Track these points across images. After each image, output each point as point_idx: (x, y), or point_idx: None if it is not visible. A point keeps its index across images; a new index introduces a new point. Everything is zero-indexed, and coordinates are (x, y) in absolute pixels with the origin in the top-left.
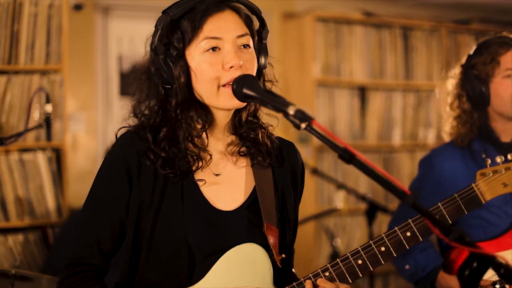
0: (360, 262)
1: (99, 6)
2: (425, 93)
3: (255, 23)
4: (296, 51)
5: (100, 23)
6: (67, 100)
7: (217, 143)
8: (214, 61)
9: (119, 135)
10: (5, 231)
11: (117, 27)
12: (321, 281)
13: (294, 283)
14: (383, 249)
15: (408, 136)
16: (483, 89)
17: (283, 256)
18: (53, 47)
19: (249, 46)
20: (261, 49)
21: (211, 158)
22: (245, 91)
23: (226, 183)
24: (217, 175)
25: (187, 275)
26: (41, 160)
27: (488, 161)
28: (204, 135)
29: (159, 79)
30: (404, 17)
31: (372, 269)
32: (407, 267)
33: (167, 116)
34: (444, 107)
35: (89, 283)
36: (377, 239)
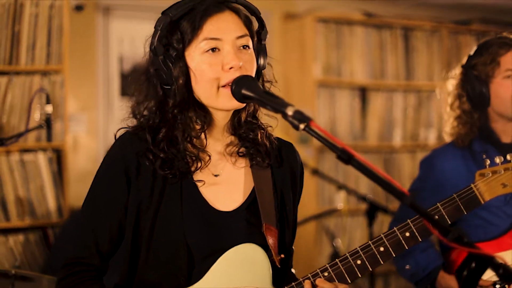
0: (359, 262)
1: (99, 6)
2: (425, 94)
3: (255, 24)
4: (296, 51)
5: (101, 23)
6: (68, 100)
7: (216, 144)
8: (213, 62)
9: (118, 136)
10: (5, 231)
11: (118, 28)
12: (320, 281)
13: (293, 283)
14: (382, 249)
15: (409, 136)
16: (483, 89)
17: (282, 256)
18: (54, 47)
19: (249, 47)
20: (260, 50)
21: (210, 158)
22: (244, 92)
23: (225, 183)
24: (216, 175)
25: (186, 275)
26: (42, 160)
27: (487, 161)
28: (203, 136)
29: (158, 80)
30: (404, 18)
31: (371, 269)
32: (407, 267)
33: (166, 116)
34: (444, 107)
35: (87, 283)
36: (376, 240)
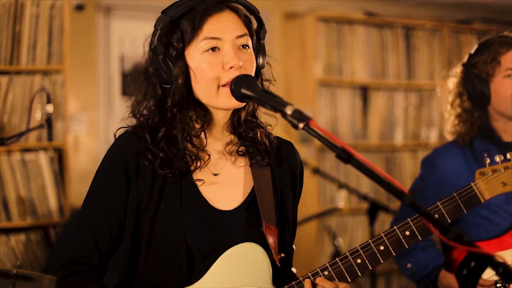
0: (359, 261)
1: (100, 6)
2: (427, 93)
3: (254, 23)
4: (298, 51)
5: (101, 23)
6: (68, 100)
7: (216, 143)
8: (213, 61)
9: (118, 135)
10: (7, 231)
11: (119, 27)
12: (320, 280)
13: (293, 282)
14: (382, 248)
15: (410, 135)
16: (484, 88)
17: (282, 255)
18: (55, 47)
19: (248, 46)
20: (259, 49)
21: (210, 158)
22: (243, 91)
23: (224, 182)
24: (215, 174)
25: (186, 274)
26: (43, 160)
27: (487, 160)
28: (202, 135)
29: (157, 79)
30: (406, 17)
31: (371, 268)
32: (409, 266)
33: (165, 116)
34: (445, 105)
35: (87, 282)
36: (376, 238)
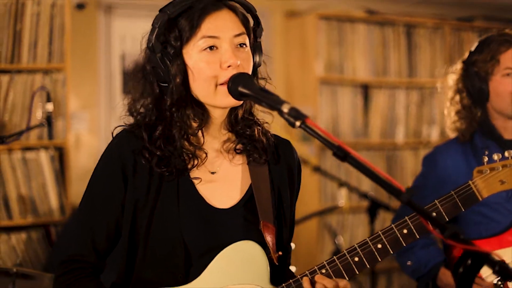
0: (356, 259)
1: (101, 4)
2: (428, 91)
3: (251, 22)
4: (298, 49)
5: (102, 21)
6: (69, 99)
7: (213, 141)
8: (211, 60)
9: (115, 134)
10: (8, 230)
11: (120, 26)
12: (319, 277)
13: (290, 280)
14: (379, 246)
15: (411, 133)
16: (483, 86)
17: (280, 253)
18: (56, 46)
19: (246, 45)
20: (256, 48)
21: (207, 156)
22: (241, 89)
23: (222, 181)
24: (213, 173)
25: (184, 273)
26: (44, 158)
27: (485, 158)
28: (199, 133)
29: (154, 77)
30: (407, 15)
31: (368, 266)
32: (409, 263)
33: (163, 114)
34: (445, 102)
35: (84, 280)
36: (373, 236)
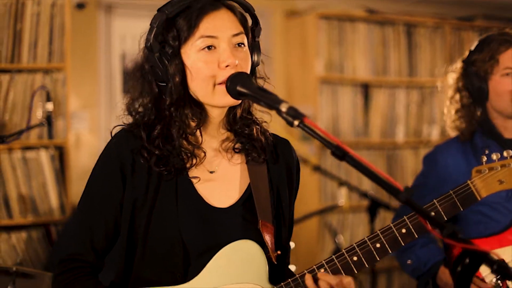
0: (355, 258)
1: (101, 4)
2: (428, 90)
3: (249, 21)
4: (299, 48)
5: (102, 21)
6: (70, 98)
7: (212, 141)
8: (210, 59)
9: (114, 133)
10: (8, 229)
11: (120, 25)
12: (322, 275)
13: (289, 279)
14: (378, 245)
15: (412, 133)
16: (482, 86)
17: (279, 253)
18: (56, 45)
19: (244, 44)
20: (254, 47)
21: (205, 155)
22: (239, 88)
23: (220, 180)
24: (211, 172)
25: (182, 272)
26: (44, 158)
27: (483, 158)
28: (198, 133)
29: (153, 76)
30: (407, 14)
31: (367, 266)
32: (409, 262)
33: (161, 113)
34: (445, 100)
35: (82, 279)
36: (372, 236)
